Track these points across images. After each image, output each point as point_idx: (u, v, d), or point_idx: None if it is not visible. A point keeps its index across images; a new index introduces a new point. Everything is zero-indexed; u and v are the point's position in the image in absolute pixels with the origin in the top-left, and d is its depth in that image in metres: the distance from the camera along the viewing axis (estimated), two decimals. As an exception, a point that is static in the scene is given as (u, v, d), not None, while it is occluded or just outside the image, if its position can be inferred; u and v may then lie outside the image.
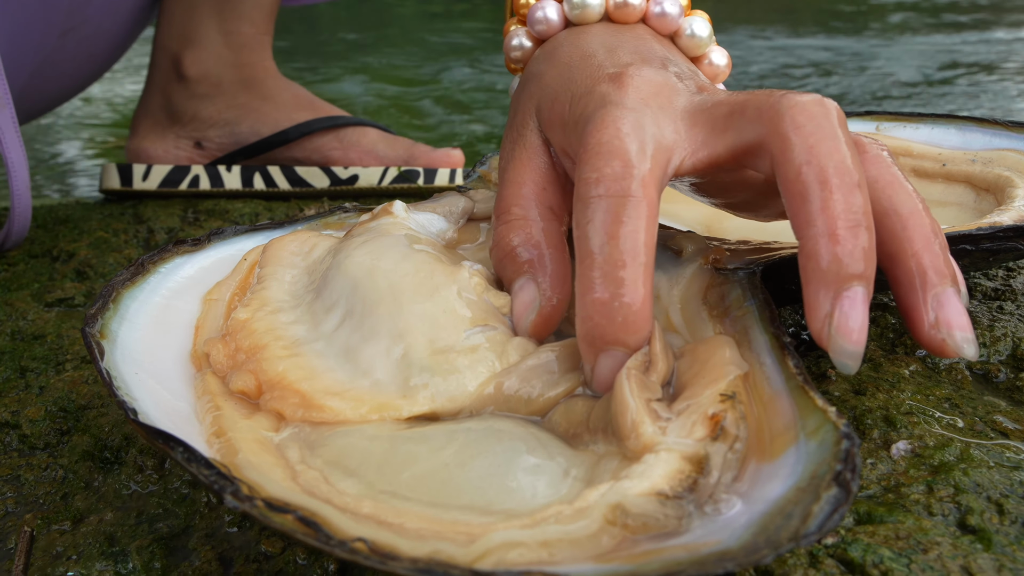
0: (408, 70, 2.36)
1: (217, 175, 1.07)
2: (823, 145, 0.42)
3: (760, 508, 0.35)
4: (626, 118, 0.46)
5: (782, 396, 0.40)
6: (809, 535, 0.32)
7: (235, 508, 0.36)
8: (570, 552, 0.34)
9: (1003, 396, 0.54)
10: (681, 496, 0.36)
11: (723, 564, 0.31)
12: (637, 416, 0.39)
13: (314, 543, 0.34)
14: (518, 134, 0.55)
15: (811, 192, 0.41)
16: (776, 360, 0.42)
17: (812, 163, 0.42)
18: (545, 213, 0.51)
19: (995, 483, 0.44)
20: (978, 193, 0.66)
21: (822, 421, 0.37)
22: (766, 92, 0.45)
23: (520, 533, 0.34)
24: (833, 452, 0.35)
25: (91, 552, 0.46)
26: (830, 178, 0.41)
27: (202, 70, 1.10)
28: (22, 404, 0.60)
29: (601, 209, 0.43)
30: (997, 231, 0.53)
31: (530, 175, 0.52)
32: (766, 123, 0.44)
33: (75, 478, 0.53)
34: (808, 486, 0.34)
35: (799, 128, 0.42)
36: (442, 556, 0.34)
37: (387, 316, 0.47)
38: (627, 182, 0.43)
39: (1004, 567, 0.38)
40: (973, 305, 0.63)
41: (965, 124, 0.70)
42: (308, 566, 0.45)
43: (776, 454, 0.38)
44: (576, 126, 0.49)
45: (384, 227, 0.53)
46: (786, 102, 0.43)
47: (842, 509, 0.33)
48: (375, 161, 1.09)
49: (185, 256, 0.57)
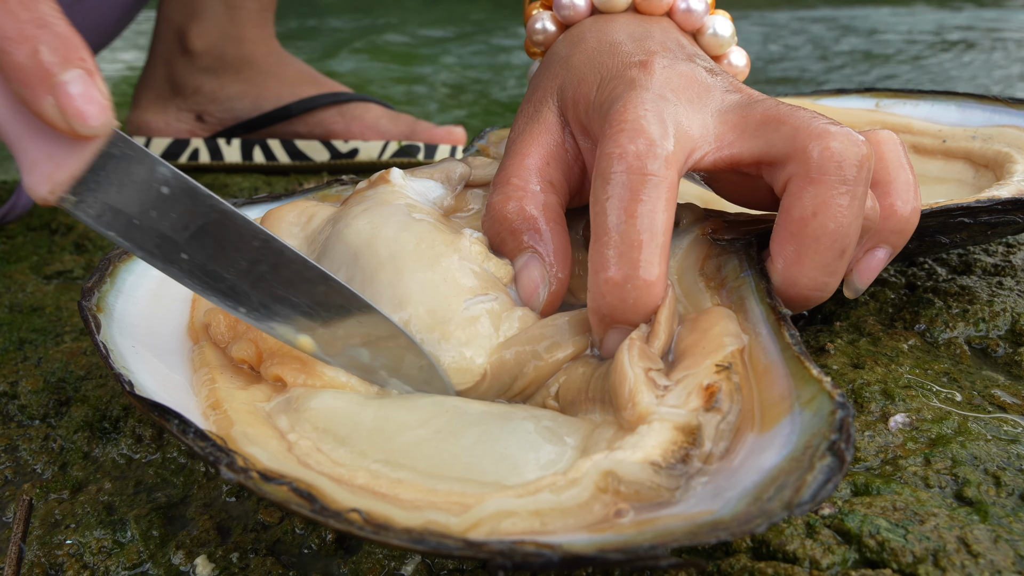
0: (409, 52, 2.35)
1: (217, 148, 1.07)
2: (835, 203, 0.43)
3: (754, 478, 0.34)
4: (653, 102, 0.46)
5: (777, 366, 0.40)
6: (803, 504, 0.32)
7: (231, 480, 0.36)
8: (562, 521, 0.34)
9: (1001, 371, 0.54)
10: (673, 466, 0.36)
11: (716, 533, 0.31)
12: (635, 386, 0.39)
13: (309, 514, 0.34)
14: (535, 110, 0.55)
15: (803, 241, 0.44)
16: (772, 331, 0.42)
17: (817, 217, 0.43)
18: (545, 187, 0.51)
19: (992, 456, 0.44)
20: (977, 169, 0.66)
21: (817, 391, 0.37)
22: (807, 117, 0.45)
23: (513, 502, 0.34)
24: (828, 422, 0.35)
25: (89, 521, 0.46)
26: (823, 240, 0.44)
27: (206, 44, 1.09)
28: (20, 375, 0.60)
29: (620, 185, 0.43)
30: (995, 204, 0.52)
31: (537, 149, 0.52)
32: (796, 153, 0.44)
33: (73, 448, 0.53)
34: (802, 456, 0.34)
35: (822, 176, 0.43)
36: (436, 526, 0.34)
37: (388, 285, 0.46)
38: (649, 160, 0.43)
39: (1000, 538, 0.38)
40: (973, 280, 0.63)
41: (965, 100, 0.69)
42: (306, 536, 0.45)
43: (771, 424, 0.37)
44: (601, 107, 0.49)
45: (382, 195, 0.52)
46: (821, 143, 0.43)
47: (836, 478, 0.33)
48: (377, 136, 1.09)
49: None
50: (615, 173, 0.43)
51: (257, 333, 0.47)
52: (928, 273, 0.65)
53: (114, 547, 0.45)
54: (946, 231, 0.54)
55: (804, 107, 0.46)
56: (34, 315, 0.70)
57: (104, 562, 0.44)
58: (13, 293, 0.74)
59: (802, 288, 0.45)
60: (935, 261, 0.66)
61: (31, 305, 0.72)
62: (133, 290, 0.52)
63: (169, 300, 0.53)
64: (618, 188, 0.43)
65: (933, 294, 0.61)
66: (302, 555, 0.44)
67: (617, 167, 0.43)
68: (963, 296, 0.60)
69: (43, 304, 0.72)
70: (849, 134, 0.44)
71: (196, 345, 0.49)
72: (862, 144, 0.43)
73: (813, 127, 0.44)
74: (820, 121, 0.44)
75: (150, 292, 0.53)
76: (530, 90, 0.58)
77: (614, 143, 0.44)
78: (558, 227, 0.50)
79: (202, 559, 0.44)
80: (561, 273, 0.48)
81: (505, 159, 0.53)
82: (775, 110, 0.46)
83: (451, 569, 0.41)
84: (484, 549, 0.31)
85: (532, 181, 0.51)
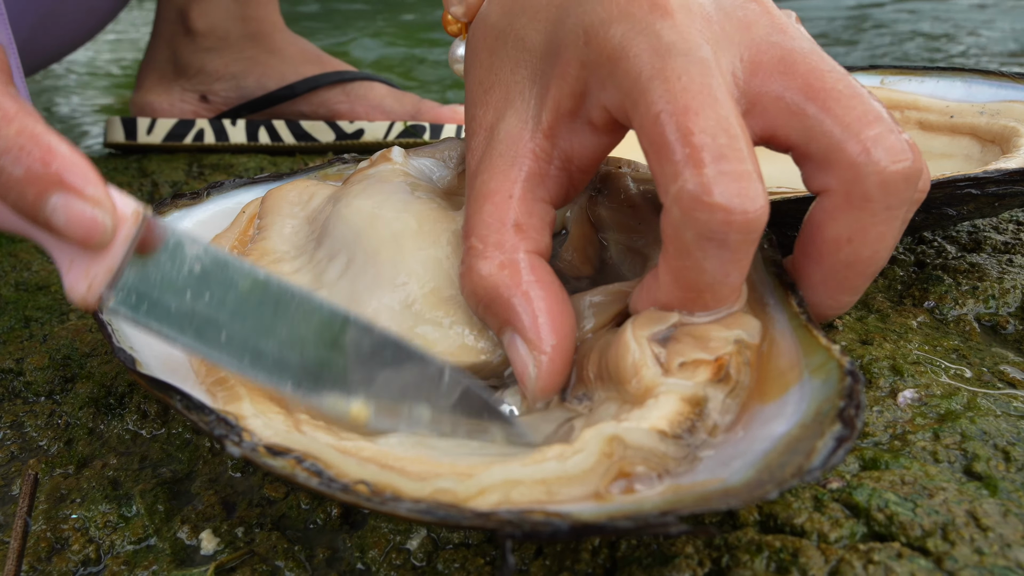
0: (414, 33, 2.34)
1: (222, 129, 1.07)
2: (875, 231, 0.38)
3: (764, 446, 0.34)
4: (702, 75, 0.36)
5: (786, 335, 0.40)
6: (813, 470, 0.31)
7: (236, 455, 0.36)
8: (568, 489, 0.34)
9: (1011, 347, 0.54)
10: (680, 436, 0.36)
11: (727, 500, 0.31)
12: (640, 359, 0.39)
13: (316, 487, 0.34)
14: (489, 122, 0.44)
15: (832, 265, 0.40)
16: (779, 300, 0.41)
17: (853, 244, 0.39)
18: (518, 235, 0.41)
19: (1002, 431, 0.44)
20: (983, 145, 0.65)
21: (826, 359, 0.37)
22: (859, 107, 0.38)
23: (520, 470, 0.34)
24: (837, 389, 0.35)
25: (95, 496, 0.46)
26: (855, 267, 0.39)
27: (209, 23, 1.09)
28: (26, 352, 0.59)
29: (716, 258, 0.36)
30: (1003, 174, 0.52)
31: (503, 183, 0.42)
32: (839, 166, 0.37)
33: (79, 424, 0.53)
34: (812, 422, 0.34)
35: (867, 202, 0.37)
36: (443, 495, 0.33)
37: (390, 264, 0.46)
38: (742, 219, 0.35)
39: (1010, 512, 0.38)
40: (983, 258, 0.62)
41: (971, 76, 0.69)
42: (311, 510, 0.44)
43: (779, 393, 0.37)
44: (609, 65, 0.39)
45: (383, 174, 0.52)
46: (870, 160, 0.37)
47: (846, 445, 0.32)
48: (382, 115, 1.08)
49: (184, 210, 0.56)
50: (704, 241, 0.35)
51: None
52: (937, 251, 0.64)
53: (119, 521, 0.45)
54: (952, 203, 0.54)
55: (851, 81, 0.39)
56: (39, 293, 0.70)
57: (109, 536, 0.44)
58: (19, 271, 0.74)
59: (824, 309, 0.41)
60: (944, 239, 0.66)
61: (36, 283, 0.72)
62: None
63: None
64: (711, 259, 0.36)
65: (943, 271, 0.61)
66: (307, 530, 0.44)
67: (708, 225, 0.35)
68: (973, 273, 0.60)
69: (48, 282, 0.72)
70: (904, 146, 0.37)
71: None
72: (915, 158, 0.38)
73: (864, 134, 0.37)
74: (872, 131, 0.37)
75: None
76: (470, 89, 0.47)
77: (680, 175, 0.35)
78: (538, 287, 0.41)
79: (207, 533, 0.43)
80: (549, 343, 0.40)
81: (467, 206, 0.44)
82: (821, 78, 0.38)
83: (456, 543, 0.41)
84: (493, 519, 0.31)
85: (497, 234, 0.41)
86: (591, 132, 0.42)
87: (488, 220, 0.41)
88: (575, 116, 0.42)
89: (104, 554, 0.43)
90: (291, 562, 0.41)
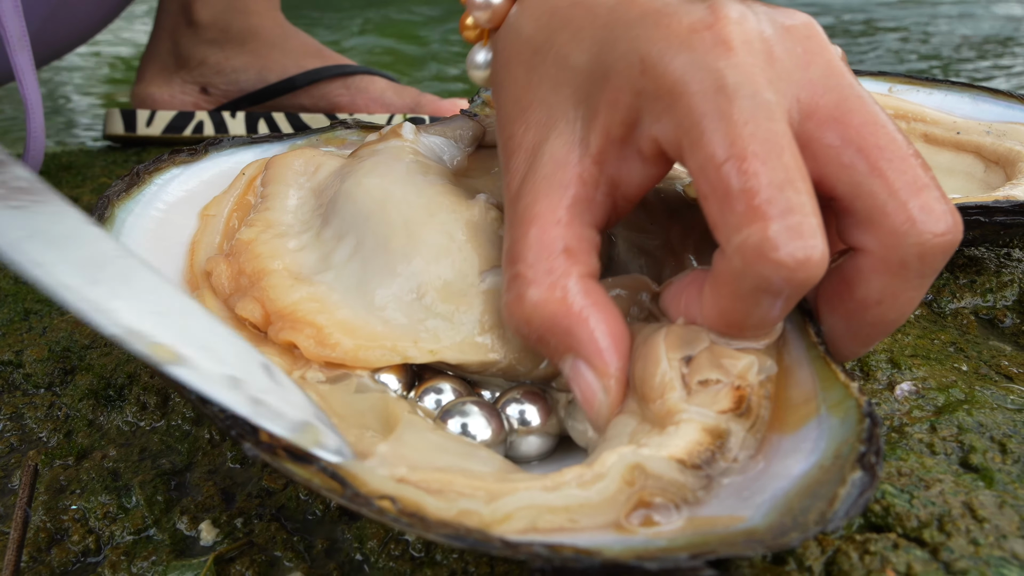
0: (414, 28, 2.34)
1: (221, 121, 1.07)
2: (905, 296, 0.37)
3: (783, 484, 0.33)
4: (767, 125, 0.35)
5: (802, 365, 0.38)
6: (836, 519, 0.31)
7: (255, 457, 0.34)
8: (589, 517, 0.33)
9: (1008, 341, 0.54)
10: (699, 466, 0.35)
11: (752, 545, 0.30)
12: (668, 380, 0.37)
13: (340, 500, 0.33)
14: (531, 142, 0.42)
15: (858, 322, 0.38)
16: (796, 327, 0.40)
17: (882, 306, 0.38)
18: (568, 259, 0.39)
19: (999, 424, 0.44)
20: (987, 165, 0.65)
21: (844, 396, 0.36)
22: (912, 180, 0.36)
23: (544, 496, 0.34)
24: (856, 431, 0.34)
25: (94, 487, 0.47)
26: (879, 327, 0.38)
27: (211, 15, 1.09)
28: (26, 344, 0.60)
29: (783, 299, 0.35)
30: (1013, 205, 0.51)
31: (549, 207, 0.40)
32: (883, 231, 0.36)
33: (78, 416, 0.53)
34: (832, 465, 0.33)
35: (904, 269, 0.36)
36: (469, 520, 0.33)
37: (401, 252, 0.44)
38: (803, 276, 0.34)
39: (1006, 503, 0.38)
40: (980, 252, 0.62)
41: (979, 94, 0.69)
42: (310, 502, 0.45)
43: (796, 426, 0.36)
44: (668, 99, 0.37)
45: (393, 150, 0.50)
46: (916, 236, 0.36)
47: (868, 493, 0.31)
48: (382, 109, 1.08)
49: (181, 167, 0.54)
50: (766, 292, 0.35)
51: (263, 292, 0.45)
52: (936, 244, 0.64)
53: (119, 512, 0.45)
54: None
55: (901, 138, 0.37)
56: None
57: (109, 527, 0.44)
58: (18, 264, 0.74)
59: (843, 357, 0.40)
60: (943, 232, 0.66)
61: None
62: (132, 232, 0.50)
63: (170, 242, 0.50)
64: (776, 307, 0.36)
65: (940, 264, 0.61)
66: (306, 520, 0.44)
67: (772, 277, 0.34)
68: (970, 267, 0.60)
69: (48, 274, 0.72)
70: (948, 219, 0.36)
71: (195, 292, 0.47)
72: (956, 230, 0.36)
73: (912, 203, 0.36)
74: (920, 184, 0.36)
75: (149, 234, 0.50)
76: (501, 102, 0.45)
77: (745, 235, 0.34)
78: (595, 310, 0.39)
79: (206, 524, 0.44)
80: (616, 367, 0.39)
81: (509, 230, 0.41)
82: (875, 133, 0.37)
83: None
84: (522, 550, 0.31)
85: (546, 260, 0.39)
86: (639, 161, 0.40)
87: (535, 246, 0.39)
88: (625, 144, 0.40)
89: (104, 544, 0.44)
90: (290, 552, 0.42)
